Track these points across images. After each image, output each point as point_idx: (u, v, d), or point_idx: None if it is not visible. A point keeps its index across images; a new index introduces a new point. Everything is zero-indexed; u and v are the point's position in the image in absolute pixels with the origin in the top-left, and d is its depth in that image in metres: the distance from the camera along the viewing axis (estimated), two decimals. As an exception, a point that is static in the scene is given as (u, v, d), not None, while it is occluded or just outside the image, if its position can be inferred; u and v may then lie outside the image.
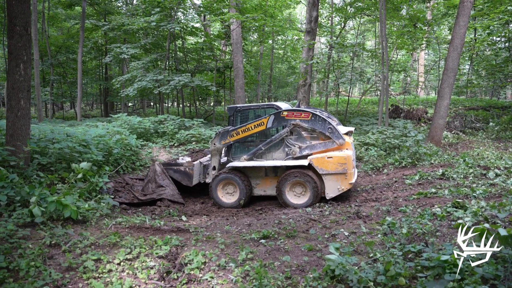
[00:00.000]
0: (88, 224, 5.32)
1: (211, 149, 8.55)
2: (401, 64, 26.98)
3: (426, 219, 5.28)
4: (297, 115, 7.90)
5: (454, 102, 22.01)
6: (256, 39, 27.60)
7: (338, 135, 7.76)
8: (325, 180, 7.74)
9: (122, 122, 13.23)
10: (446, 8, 22.93)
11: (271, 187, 8.30)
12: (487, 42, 18.16)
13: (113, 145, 9.61)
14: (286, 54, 31.90)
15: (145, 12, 18.36)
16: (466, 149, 11.74)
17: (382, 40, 14.75)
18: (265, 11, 21.80)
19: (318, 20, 17.53)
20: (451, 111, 17.70)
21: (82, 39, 17.63)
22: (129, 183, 9.02)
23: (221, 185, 8.24)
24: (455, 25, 11.89)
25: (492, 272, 3.26)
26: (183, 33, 18.64)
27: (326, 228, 5.49)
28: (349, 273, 3.52)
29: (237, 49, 17.55)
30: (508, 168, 8.76)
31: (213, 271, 3.96)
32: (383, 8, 14.61)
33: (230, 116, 8.61)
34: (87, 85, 28.70)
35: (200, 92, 20.92)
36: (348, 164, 7.62)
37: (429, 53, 34.80)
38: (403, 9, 21.56)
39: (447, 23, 26.83)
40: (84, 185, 6.51)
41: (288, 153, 8.07)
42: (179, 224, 6.20)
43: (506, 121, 15.14)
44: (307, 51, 15.56)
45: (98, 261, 4.12)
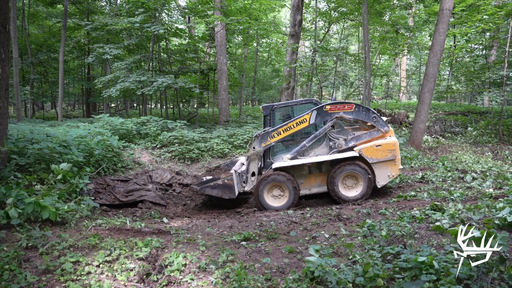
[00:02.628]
0: (67, 226, 5.23)
1: (250, 153, 8.11)
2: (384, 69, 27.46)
3: (405, 222, 5.38)
4: (341, 108, 7.83)
5: (434, 107, 22.47)
6: (240, 42, 27.66)
7: (383, 123, 7.82)
8: (375, 168, 7.76)
9: (104, 123, 13.05)
10: (427, 15, 23.46)
11: (316, 184, 8.12)
12: (466, 49, 18.62)
13: (94, 146, 9.47)
14: (271, 57, 32.05)
15: (128, 12, 18.16)
16: (445, 153, 12.01)
17: (365, 45, 14.97)
18: (249, 14, 21.86)
19: (302, 24, 17.67)
20: (431, 116, 18.07)
21: (64, 38, 17.34)
22: (110, 184, 8.92)
23: (267, 189, 7.83)
24: (435, 32, 12.19)
25: (466, 272, 3.34)
26: (167, 34, 18.52)
27: (307, 230, 5.53)
28: (328, 274, 3.55)
29: (221, 51, 17.55)
30: (484, 171, 9.01)
31: (193, 273, 3.94)
32: (366, 13, 14.85)
33: (266, 116, 8.25)
34: (69, 85, 28.22)
35: (184, 93, 20.79)
36: (396, 150, 7.69)
37: (411, 59, 35.46)
38: (385, 15, 21.95)
39: (428, 29, 27.45)
40: (64, 187, 6.40)
41: (332, 147, 7.94)
42: (160, 226, 6.15)
43: (483, 126, 15.55)
44: (291, 54, 15.67)
45: (77, 263, 4.05)
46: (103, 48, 16.64)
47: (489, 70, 15.32)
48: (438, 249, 4.17)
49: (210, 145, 12.56)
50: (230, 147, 12.89)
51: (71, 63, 25.99)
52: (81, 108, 30.95)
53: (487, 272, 3.38)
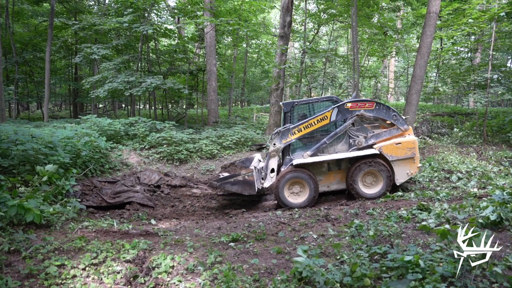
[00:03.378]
0: (52, 229, 5.15)
1: (270, 149, 8.12)
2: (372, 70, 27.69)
3: (392, 222, 5.43)
4: (362, 106, 7.91)
5: (421, 108, 22.71)
6: (230, 43, 27.65)
7: (402, 121, 7.94)
8: (394, 166, 7.84)
9: (92, 123, 12.90)
10: (414, 17, 23.73)
11: (335, 181, 8.20)
12: (452, 52, 18.89)
13: (81, 147, 9.36)
14: (260, 58, 32.10)
15: (117, 12, 18.02)
16: (432, 153, 12.14)
17: (354, 47, 15.08)
18: (239, 15, 21.88)
19: (291, 25, 17.72)
20: (418, 117, 18.26)
21: (50, 37, 17.12)
22: (98, 186, 8.83)
23: (287, 185, 7.85)
24: (422, 34, 12.33)
25: (450, 270, 3.40)
26: (156, 34, 18.42)
27: (295, 231, 5.54)
28: (316, 275, 3.56)
29: (210, 52, 17.52)
30: (469, 171, 9.15)
31: (181, 275, 3.92)
32: (355, 15, 14.95)
33: (287, 112, 8.26)
34: (55, 85, 27.84)
35: (173, 94, 20.71)
36: (416, 148, 7.80)
37: (399, 60, 35.81)
38: (374, 17, 22.14)
39: (416, 32, 27.75)
40: (49, 188, 6.31)
41: (352, 144, 8.01)
42: (148, 227, 6.10)
43: (468, 127, 15.77)
44: (280, 55, 15.70)
45: (62, 266, 3.98)
46: (91, 48, 16.48)
47: (474, 72, 15.55)
48: (424, 248, 4.22)
49: (199, 146, 12.51)
50: (219, 148, 12.86)
51: (58, 63, 25.66)
52: (68, 108, 30.58)
53: (471, 270, 3.43)
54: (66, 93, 29.04)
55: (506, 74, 15.02)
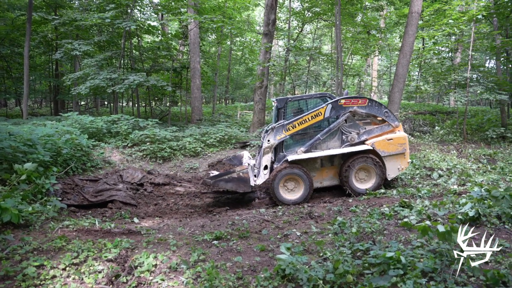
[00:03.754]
0: (31, 229, 5.03)
1: (264, 146, 8.06)
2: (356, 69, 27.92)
3: (375, 219, 5.51)
4: (355, 102, 8.03)
5: (404, 106, 23.07)
6: (214, 40, 27.50)
7: (393, 118, 8.13)
8: (386, 161, 8.00)
9: (73, 121, 12.67)
10: (397, 17, 24.01)
11: (328, 177, 8.28)
12: (433, 51, 19.23)
13: (62, 145, 9.18)
14: (244, 56, 32.03)
15: (99, 8, 17.71)
16: (414, 151, 12.34)
17: (338, 45, 15.19)
18: (223, 12, 21.78)
19: (275, 23, 17.73)
20: (401, 115, 18.55)
21: (29, 32, 16.68)
22: (79, 184, 8.69)
23: (282, 182, 7.85)
24: (405, 33, 12.52)
25: (430, 266, 3.48)
26: (139, 31, 18.18)
27: (279, 229, 5.56)
28: (299, 272, 3.59)
29: (194, 49, 17.40)
30: (449, 169, 9.34)
31: (163, 274, 3.89)
32: (338, 14, 15.06)
33: (280, 108, 8.24)
34: (35, 82, 27.17)
35: (156, 92, 20.49)
36: (406, 144, 8.00)
37: (382, 59, 36.25)
38: (358, 16, 22.34)
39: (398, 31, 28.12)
40: (28, 187, 6.16)
41: (345, 141, 8.09)
42: (130, 226, 6.04)
43: (449, 126, 16.11)
44: (264, 53, 15.70)
45: (41, 267, 3.90)
46: (72, 44, 16.16)
47: (454, 72, 15.86)
48: (405, 244, 4.30)
49: (183, 144, 12.43)
50: (202, 146, 12.80)
51: (37, 58, 25.03)
52: (48, 106, 29.92)
53: (450, 265, 3.51)
54: (46, 90, 28.38)
55: (485, 74, 15.37)
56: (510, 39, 14.57)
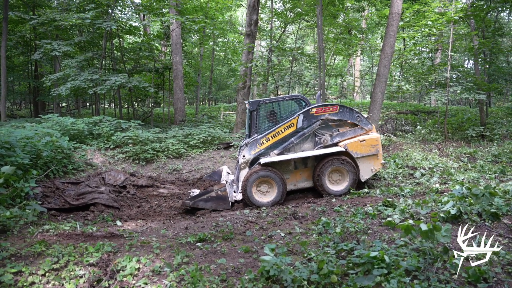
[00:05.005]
0: (9, 234, 4.89)
1: (240, 162, 8.15)
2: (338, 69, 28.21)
3: (358, 218, 5.54)
4: (326, 110, 8.07)
5: (386, 106, 23.38)
6: (196, 41, 27.35)
7: (366, 121, 8.19)
8: (359, 163, 8.03)
9: (54, 123, 12.40)
10: (378, 18, 24.36)
11: (302, 179, 8.26)
12: (414, 52, 19.57)
13: (42, 147, 8.97)
14: (227, 57, 31.97)
15: (79, 7, 17.40)
16: (397, 150, 12.52)
17: (320, 46, 15.29)
18: (205, 13, 21.68)
19: (258, 24, 17.75)
20: (383, 115, 18.79)
21: (5, 31, 16.27)
22: (60, 187, 8.50)
23: (255, 184, 7.83)
24: (386, 34, 12.67)
25: (414, 264, 3.51)
26: (120, 31, 17.93)
27: (263, 230, 5.55)
28: (283, 273, 3.57)
29: (176, 50, 17.27)
30: (431, 168, 9.50)
31: (147, 277, 3.83)
32: (320, 15, 15.16)
33: (253, 111, 8.20)
34: (13, 83, 26.53)
35: (138, 93, 20.25)
36: (379, 145, 8.02)
37: (364, 59, 36.69)
38: (339, 17, 22.55)
39: (380, 32, 28.52)
40: (6, 191, 5.99)
41: (318, 143, 8.11)
42: (113, 229, 5.93)
43: (431, 125, 16.40)
44: (247, 54, 15.69)
45: (19, 273, 3.77)
46: (51, 44, 15.82)
47: (434, 72, 16.16)
48: (389, 243, 4.33)
49: (166, 145, 12.31)
50: (185, 147, 12.71)
51: (15, 59, 24.41)
52: (28, 107, 29.23)
53: (433, 263, 3.56)
54: (25, 91, 27.71)
55: (464, 74, 15.71)
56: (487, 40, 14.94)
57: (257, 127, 8.29)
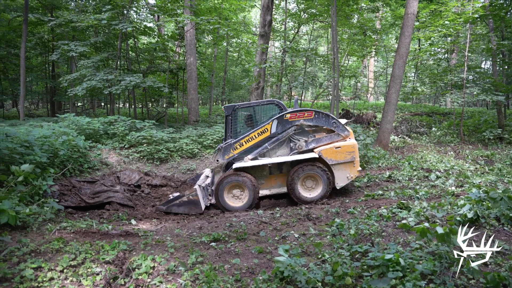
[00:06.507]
0: (28, 230, 5.00)
1: (214, 166, 8.18)
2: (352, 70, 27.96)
3: (373, 220, 5.51)
4: (301, 116, 7.95)
5: (401, 107, 23.15)
6: (210, 41, 27.47)
7: (342, 127, 7.99)
8: (334, 170, 7.87)
9: (70, 122, 12.61)
10: (393, 18, 24.11)
11: (276, 185, 8.20)
12: (429, 52, 19.31)
13: (59, 146, 9.13)
14: (240, 57, 32.00)
15: (95, 9, 17.66)
16: (411, 152, 12.38)
17: (334, 46, 15.21)
18: (219, 14, 21.76)
19: (272, 25, 17.76)
20: (398, 116, 18.61)
21: (25, 33, 16.61)
22: (76, 186, 8.62)
23: (227, 189, 7.85)
24: (401, 35, 12.54)
25: (430, 268, 3.47)
26: (135, 32, 18.14)
27: (277, 230, 5.55)
28: (298, 274, 3.57)
29: (190, 50, 17.37)
30: (447, 170, 9.36)
31: (162, 276, 3.87)
32: (334, 15, 15.08)
33: (228, 116, 8.21)
34: (31, 83, 27.04)
35: (153, 93, 20.44)
36: (355, 152, 7.85)
37: (378, 60, 36.37)
38: (354, 17, 22.39)
39: (395, 32, 28.22)
40: (25, 189, 6.12)
41: (293, 148, 8.02)
42: (128, 228, 6.01)
43: (446, 127, 16.17)
44: (261, 54, 15.70)
45: (39, 269, 3.87)
46: (68, 45, 16.08)
47: (450, 73, 15.93)
48: (404, 246, 4.29)
49: (179, 145, 12.40)
50: (199, 147, 12.78)
51: (34, 60, 24.90)
52: (45, 107, 29.78)
53: (449, 267, 3.51)
54: (43, 91, 28.24)
55: (481, 75, 15.44)
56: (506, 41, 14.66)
57: (232, 132, 8.26)
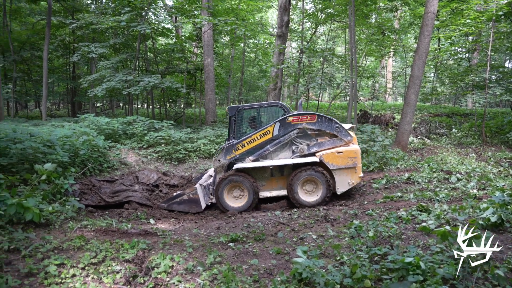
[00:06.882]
0: (51, 228, 5.12)
1: (215, 165, 8.24)
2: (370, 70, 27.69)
3: (392, 222, 5.43)
4: (303, 119, 7.91)
5: (420, 108, 22.78)
6: (227, 42, 27.59)
7: (345, 133, 7.92)
8: (335, 175, 7.80)
9: (90, 122, 12.86)
10: (412, 17, 23.76)
11: (277, 187, 8.19)
12: (450, 52, 18.94)
13: (79, 146, 9.32)
14: (258, 58, 32.05)
15: (114, 11, 17.96)
16: (431, 154, 12.17)
17: (352, 47, 15.08)
18: (237, 14, 21.85)
19: (289, 25, 17.72)
20: (417, 117, 18.31)
21: (48, 36, 17.02)
22: (96, 185, 8.79)
23: (227, 189, 7.92)
24: (420, 34, 12.34)
25: (451, 272, 3.39)
26: (153, 33, 18.37)
27: (295, 232, 5.53)
28: (316, 276, 3.55)
29: (208, 51, 17.49)
30: (468, 172, 9.15)
31: (180, 275, 3.90)
32: (352, 15, 14.95)
33: (231, 117, 8.25)
34: (53, 84, 27.70)
35: (170, 93, 20.65)
36: (357, 158, 7.76)
37: (397, 60, 35.89)
38: (372, 17, 22.16)
39: (413, 32, 27.80)
40: (48, 187, 6.26)
41: (295, 151, 8.00)
42: (146, 227, 6.09)
43: (467, 128, 15.82)
44: (278, 55, 15.70)
45: (61, 265, 3.96)
46: (88, 47, 16.41)
47: (472, 72, 15.59)
48: (424, 249, 4.22)
49: (197, 146, 12.49)
50: (217, 148, 12.85)
51: (55, 61, 25.51)
52: (66, 107, 30.45)
53: (472, 272, 3.43)
54: (64, 92, 28.91)
55: (505, 75, 15.06)
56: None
57: (235, 132, 8.27)
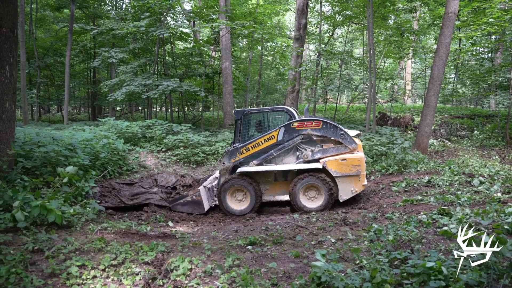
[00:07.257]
0: (73, 229, 5.22)
1: (220, 168, 8.34)
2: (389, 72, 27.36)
3: (412, 226, 5.32)
4: (308, 125, 7.87)
5: (440, 110, 22.35)
6: (245, 45, 27.70)
7: (350, 140, 7.81)
8: (338, 182, 7.71)
9: (110, 126, 13.10)
10: (432, 18, 23.39)
11: (281, 192, 8.18)
12: (471, 52, 18.54)
13: (100, 149, 9.50)
14: (275, 61, 32.04)
15: (134, 16, 18.30)
16: (452, 156, 11.91)
17: (370, 49, 14.94)
18: (254, 18, 21.92)
19: (306, 28, 17.68)
20: (437, 119, 17.97)
21: (70, 42, 17.47)
22: (116, 187, 8.92)
23: (230, 192, 7.98)
24: (440, 35, 12.12)
25: (475, 278, 3.29)
26: (172, 38, 18.62)
27: (313, 235, 5.49)
28: (335, 280, 3.51)
29: (226, 55, 17.59)
30: (491, 175, 8.90)
31: (199, 278, 3.92)
32: (370, 17, 14.82)
33: (237, 120, 8.31)
34: (74, 89, 28.40)
35: (189, 97, 20.87)
36: (361, 166, 7.66)
37: (416, 62, 35.36)
38: (390, 18, 21.92)
39: (433, 33, 27.36)
40: (69, 190, 6.40)
41: (299, 157, 7.98)
42: (165, 230, 6.14)
43: (490, 130, 15.42)
44: (296, 58, 15.67)
45: (83, 267, 4.04)
46: (108, 52, 16.74)
47: (495, 73, 15.20)
48: (446, 254, 4.12)
49: (215, 149, 12.56)
50: (223, 151, 12.91)
51: (77, 66, 26.18)
52: (86, 111, 31.15)
53: (498, 279, 3.32)
54: (84, 96, 29.59)
55: (529, 75, 14.63)
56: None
57: (241, 136, 8.27)
